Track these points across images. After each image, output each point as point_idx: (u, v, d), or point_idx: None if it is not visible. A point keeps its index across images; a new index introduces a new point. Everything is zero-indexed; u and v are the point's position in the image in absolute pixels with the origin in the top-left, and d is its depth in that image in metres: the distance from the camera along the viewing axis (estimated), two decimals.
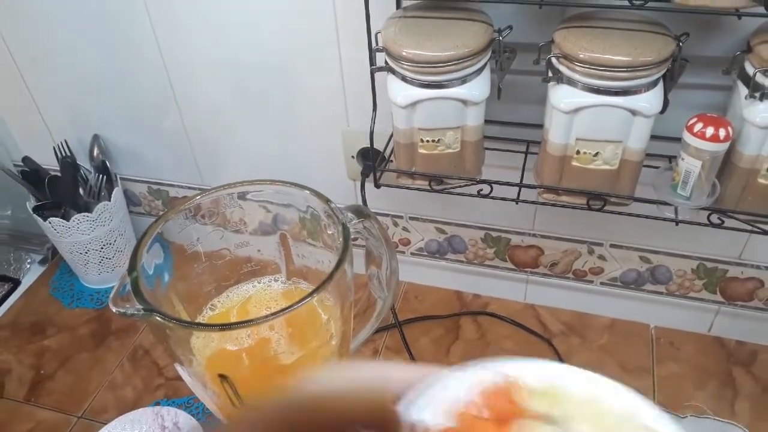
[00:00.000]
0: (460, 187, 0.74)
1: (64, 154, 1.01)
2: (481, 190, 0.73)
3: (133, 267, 0.55)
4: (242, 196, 0.65)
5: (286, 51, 0.84)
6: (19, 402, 0.93)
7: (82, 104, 1.01)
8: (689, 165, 0.63)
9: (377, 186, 0.76)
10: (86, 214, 0.99)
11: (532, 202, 0.73)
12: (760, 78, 0.58)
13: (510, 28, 0.66)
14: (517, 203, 0.73)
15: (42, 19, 0.92)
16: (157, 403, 0.89)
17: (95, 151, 1.03)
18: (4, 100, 1.06)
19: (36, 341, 1.02)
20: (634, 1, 0.57)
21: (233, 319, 0.64)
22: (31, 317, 1.06)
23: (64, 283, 1.11)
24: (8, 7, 0.93)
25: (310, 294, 0.50)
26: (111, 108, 1.00)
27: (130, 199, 1.13)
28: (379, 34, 0.67)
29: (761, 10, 0.55)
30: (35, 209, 1.00)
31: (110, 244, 1.05)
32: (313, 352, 0.58)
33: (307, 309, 0.52)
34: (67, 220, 0.98)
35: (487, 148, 0.76)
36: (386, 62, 0.68)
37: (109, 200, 1.02)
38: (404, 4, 0.70)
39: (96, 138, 1.03)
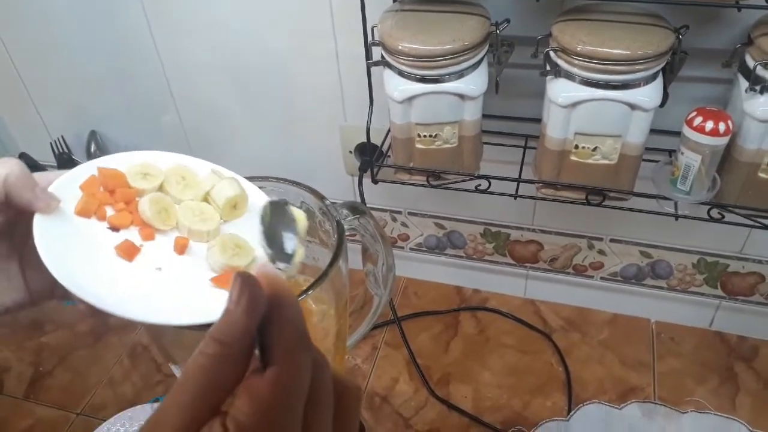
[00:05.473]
0: (458, 182, 0.73)
1: (61, 150, 1.01)
2: (480, 185, 0.73)
3: None
4: None
5: (283, 46, 0.83)
6: (18, 399, 0.93)
7: (79, 100, 1.01)
8: (689, 159, 0.62)
9: (374, 182, 0.75)
10: None
11: (531, 197, 0.73)
12: (760, 71, 0.57)
13: (507, 21, 0.65)
14: (515, 199, 0.72)
15: (38, 15, 0.92)
16: (156, 400, 0.89)
17: (92, 147, 1.03)
18: (1, 96, 1.06)
19: (35, 338, 1.02)
20: None
21: None
22: (29, 314, 1.05)
23: None
24: (5, 4, 0.92)
25: (304, 292, 0.50)
26: (108, 104, 0.99)
27: None
28: (375, 28, 0.66)
29: (761, 2, 0.54)
30: None
31: None
32: None
33: (301, 306, 0.51)
34: None
35: (485, 143, 0.75)
36: (382, 56, 0.67)
37: None
38: None
39: (93, 134, 1.03)
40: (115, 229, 0.45)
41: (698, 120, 0.60)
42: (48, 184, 0.43)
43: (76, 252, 0.42)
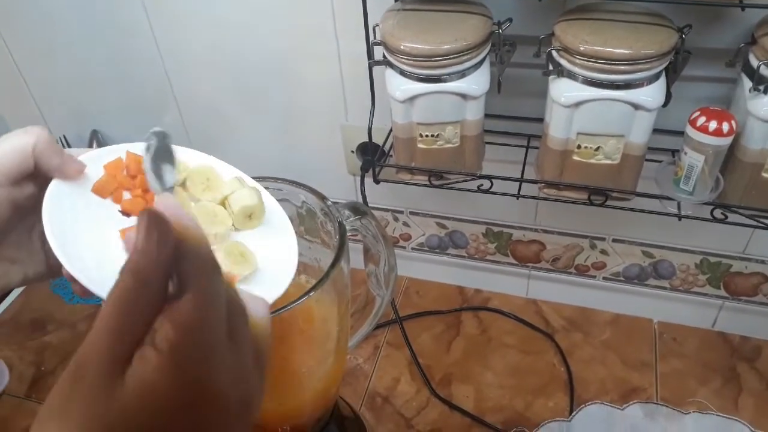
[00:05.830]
0: (460, 182, 0.73)
1: None
2: (482, 185, 0.72)
3: None
4: None
5: (284, 45, 0.83)
6: (20, 398, 0.93)
7: (80, 99, 1.01)
8: (692, 159, 0.62)
9: (376, 182, 0.75)
10: None
11: (533, 197, 0.73)
12: (764, 70, 0.57)
13: (510, 20, 0.65)
14: (517, 198, 0.72)
15: (39, 15, 0.92)
16: None
17: (94, 147, 1.03)
18: (2, 95, 1.06)
19: (37, 337, 1.02)
20: None
21: None
22: (31, 313, 1.06)
23: (64, 279, 1.11)
24: (6, 2, 0.92)
25: (306, 293, 0.50)
26: (110, 103, 0.99)
27: None
28: (377, 28, 0.66)
29: (765, 1, 0.53)
30: None
31: None
32: (309, 351, 0.57)
33: (303, 308, 0.51)
34: None
35: (487, 143, 0.75)
36: (384, 56, 0.67)
37: None
38: None
39: (95, 133, 1.03)
40: (126, 214, 0.45)
41: (701, 120, 0.59)
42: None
43: (81, 226, 0.42)
